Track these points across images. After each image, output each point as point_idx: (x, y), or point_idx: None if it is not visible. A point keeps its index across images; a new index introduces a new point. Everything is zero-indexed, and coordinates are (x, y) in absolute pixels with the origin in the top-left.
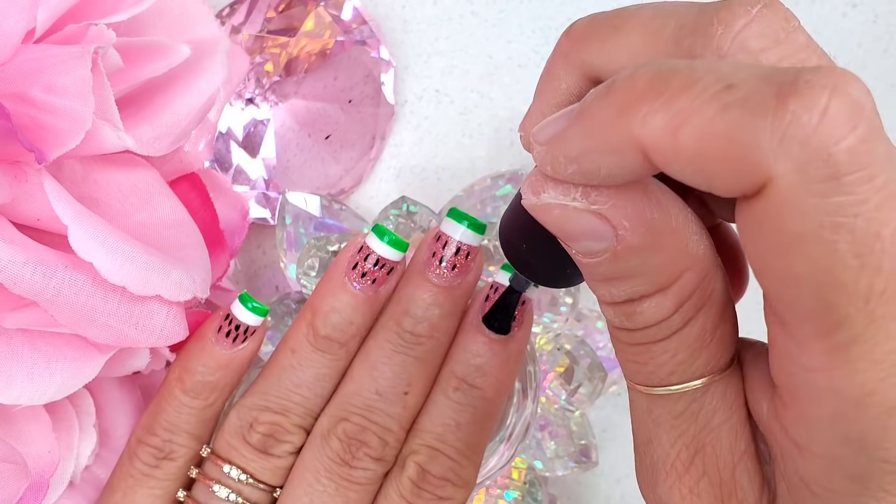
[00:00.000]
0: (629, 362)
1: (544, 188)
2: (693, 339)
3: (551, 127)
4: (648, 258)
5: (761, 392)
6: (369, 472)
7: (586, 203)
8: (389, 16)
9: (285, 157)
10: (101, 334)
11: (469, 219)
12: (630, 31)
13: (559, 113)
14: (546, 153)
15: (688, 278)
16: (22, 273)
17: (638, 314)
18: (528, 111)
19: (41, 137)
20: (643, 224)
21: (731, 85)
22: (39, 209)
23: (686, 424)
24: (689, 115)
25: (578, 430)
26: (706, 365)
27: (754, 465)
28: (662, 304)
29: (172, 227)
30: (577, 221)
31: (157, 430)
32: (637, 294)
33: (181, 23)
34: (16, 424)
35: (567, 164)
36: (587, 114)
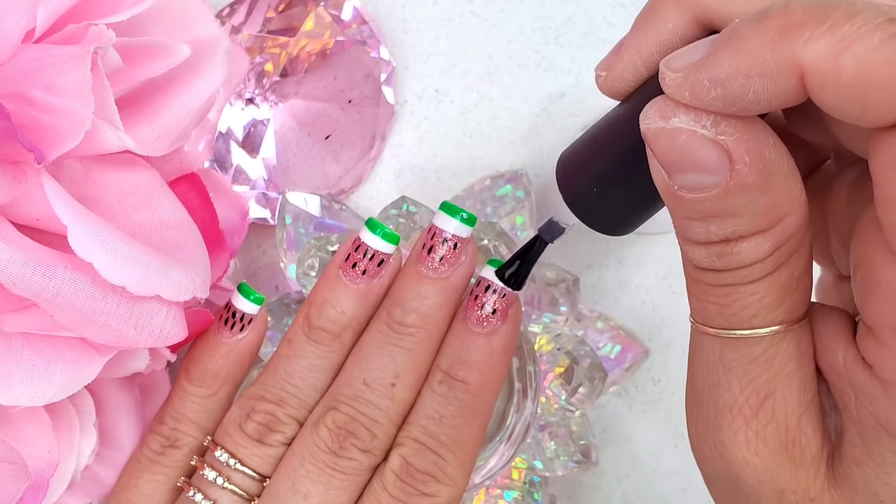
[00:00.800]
0: (709, 304)
1: (675, 112)
2: (782, 283)
3: (692, 53)
4: (758, 197)
5: (835, 344)
6: (354, 463)
7: (715, 132)
8: (389, 16)
9: (285, 157)
10: (100, 334)
11: (458, 210)
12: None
13: (696, 43)
14: (686, 77)
15: (788, 222)
16: (21, 273)
17: (733, 254)
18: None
19: (41, 137)
20: (762, 162)
21: (893, 18)
22: (39, 209)
23: (760, 370)
24: (854, 42)
25: (578, 430)
26: (788, 312)
27: (818, 416)
28: (761, 245)
29: (172, 227)
30: (699, 150)
31: (166, 419)
32: (737, 233)
33: (181, 23)
34: (15, 425)
35: (711, 87)
36: (740, 37)
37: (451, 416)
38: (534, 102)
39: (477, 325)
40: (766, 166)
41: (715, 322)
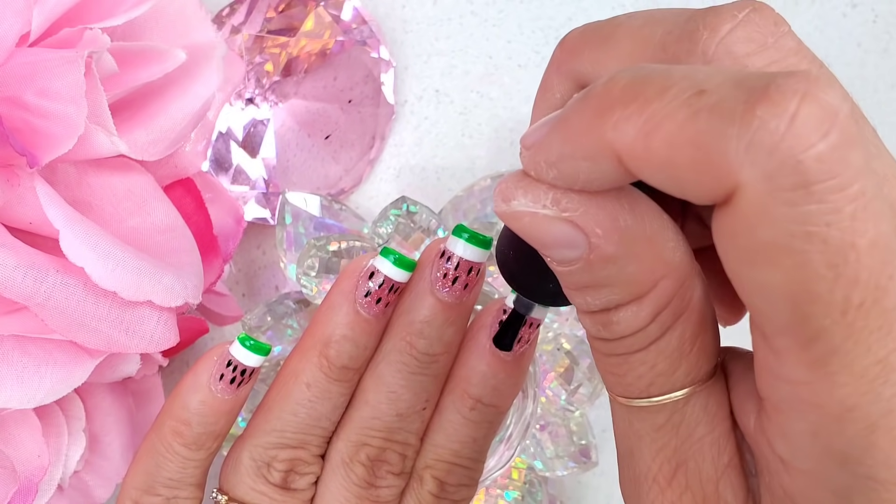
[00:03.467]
0: (608, 374)
1: (514, 195)
2: (672, 349)
3: (537, 132)
4: (623, 266)
5: (750, 404)
6: (393, 489)
7: (557, 210)
8: (389, 16)
9: (285, 157)
10: (91, 339)
11: (476, 234)
12: (620, 39)
13: (545, 118)
14: (529, 157)
15: (664, 286)
16: (13, 277)
17: (614, 324)
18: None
19: (34, 141)
20: (616, 231)
21: (702, 90)
22: (32, 213)
23: (667, 437)
24: (660, 121)
25: (578, 430)
26: (687, 375)
27: (738, 478)
28: (638, 313)
29: (165, 231)
30: (548, 229)
31: (159, 489)
32: (612, 303)
33: (177, 27)
34: (5, 428)
35: (547, 168)
36: (566, 119)
37: (483, 437)
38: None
39: (509, 355)
40: (623, 235)
41: (617, 391)
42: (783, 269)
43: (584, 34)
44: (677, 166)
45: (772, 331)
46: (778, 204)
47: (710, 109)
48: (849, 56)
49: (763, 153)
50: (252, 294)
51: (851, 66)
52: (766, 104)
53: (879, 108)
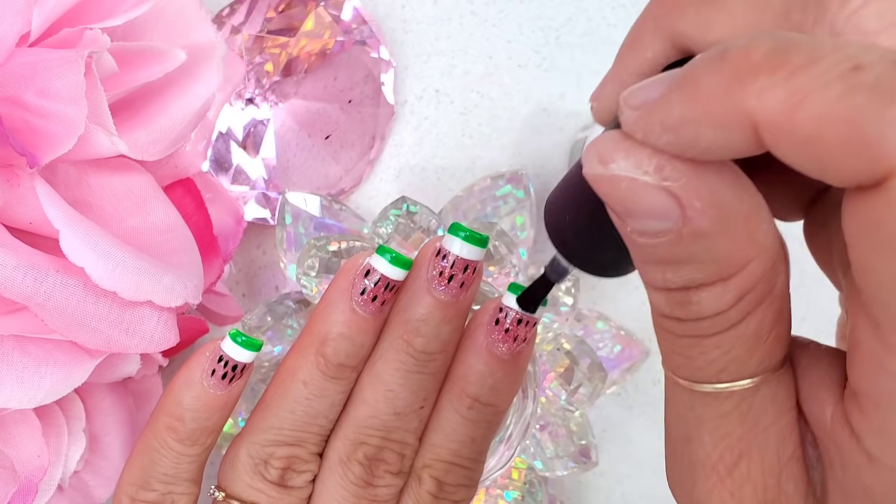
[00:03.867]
0: (675, 354)
1: (614, 157)
2: (750, 335)
3: (648, 90)
4: (715, 243)
5: (824, 396)
6: (391, 488)
7: (658, 178)
8: (389, 16)
9: (285, 157)
10: (91, 339)
11: (471, 233)
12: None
13: (659, 76)
14: (639, 117)
15: (753, 269)
16: (13, 277)
17: (694, 304)
18: (604, 78)
19: (34, 141)
20: (715, 206)
21: (859, 66)
22: (32, 213)
23: (732, 425)
24: (812, 93)
25: (578, 430)
26: (760, 364)
27: (800, 471)
28: (722, 295)
29: (165, 232)
30: (644, 197)
31: (154, 485)
32: (695, 282)
33: (177, 27)
34: (5, 428)
35: (662, 132)
36: (694, 80)
37: (482, 437)
38: (534, 102)
39: (507, 354)
40: (722, 211)
41: (683, 374)
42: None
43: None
44: (825, 144)
45: (890, 324)
46: None
47: (870, 88)
48: None
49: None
50: (252, 294)
51: None
52: None
53: None
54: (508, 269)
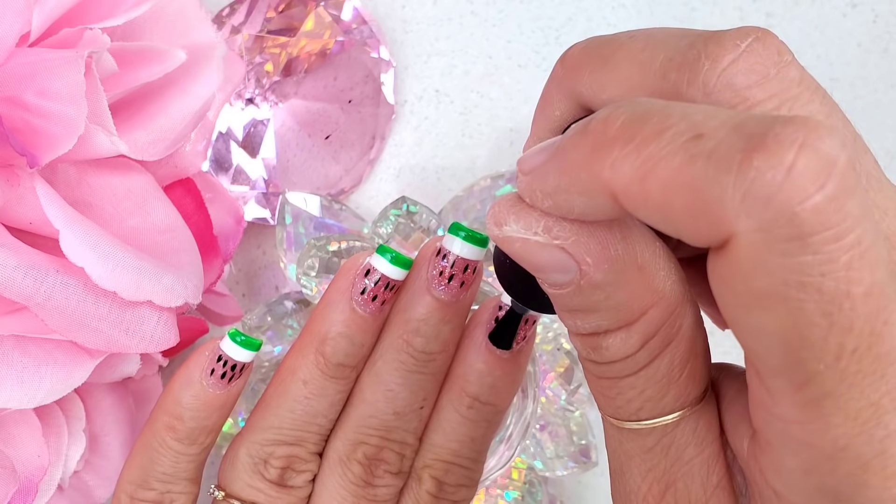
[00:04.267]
0: (599, 395)
1: (506, 220)
2: (661, 375)
3: (534, 158)
4: (612, 293)
5: (744, 427)
6: (391, 488)
7: (548, 237)
8: (389, 16)
9: (285, 157)
10: (91, 339)
11: (471, 232)
12: (620, 62)
13: (544, 143)
14: (525, 184)
15: (653, 315)
16: (13, 277)
17: (603, 348)
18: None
19: (34, 141)
20: (606, 260)
21: (700, 134)
22: (32, 213)
23: (657, 459)
24: (657, 164)
25: (578, 430)
26: (676, 400)
27: (728, 499)
28: (627, 340)
29: (165, 231)
30: (539, 254)
31: (153, 484)
32: (601, 328)
33: (177, 27)
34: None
35: (543, 198)
36: (563, 151)
37: (481, 436)
38: (534, 102)
39: (506, 352)
40: (613, 263)
41: (607, 412)
42: (777, 316)
43: (585, 53)
44: (673, 210)
45: (766, 372)
46: (773, 254)
47: (708, 156)
48: (849, 56)
49: (759, 204)
50: (252, 294)
51: (851, 66)
52: (764, 154)
53: (879, 108)
54: None
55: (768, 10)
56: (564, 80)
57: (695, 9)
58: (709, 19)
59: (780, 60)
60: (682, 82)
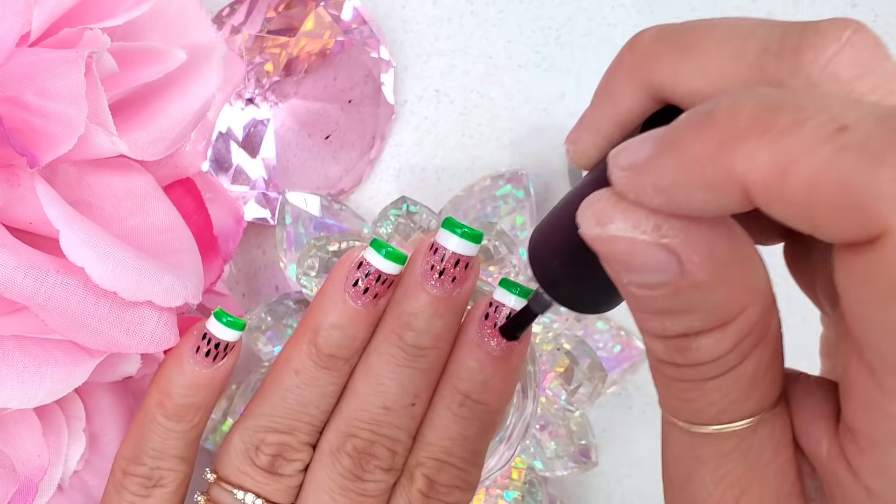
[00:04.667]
0: (674, 398)
1: (612, 218)
2: (748, 376)
3: (636, 151)
4: (712, 293)
5: (819, 430)
6: (381, 484)
7: (657, 235)
8: (389, 16)
9: (285, 157)
10: (91, 339)
11: (464, 228)
12: (705, 50)
13: (644, 136)
14: (630, 179)
15: (749, 315)
16: (13, 277)
17: (693, 350)
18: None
19: (34, 141)
20: (713, 259)
21: (844, 126)
22: (32, 213)
23: (734, 464)
24: (800, 156)
25: (578, 430)
26: (758, 403)
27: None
28: (721, 340)
29: (165, 231)
30: (643, 254)
31: (144, 459)
32: (694, 329)
33: (177, 27)
34: (5, 428)
35: (654, 194)
36: (682, 144)
37: (474, 435)
38: (534, 102)
39: (496, 350)
40: (718, 262)
41: (682, 416)
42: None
43: (661, 39)
44: (817, 205)
45: (885, 369)
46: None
47: (858, 149)
48: None
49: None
50: (252, 294)
51: None
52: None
53: None
54: (508, 269)
55: (768, 10)
56: (636, 69)
57: (695, 8)
58: None
59: (878, 53)
60: (782, 73)
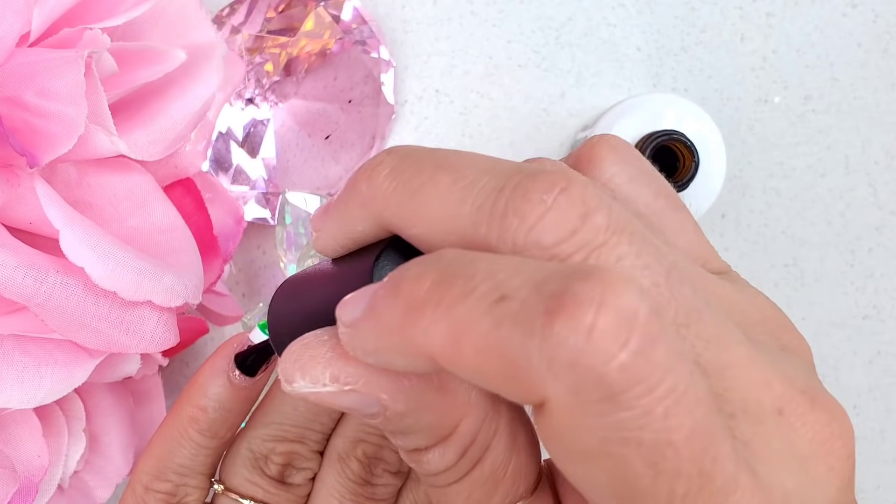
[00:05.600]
0: (434, 501)
1: (294, 377)
2: (486, 478)
3: (352, 309)
4: (420, 417)
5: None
6: (390, 487)
7: (338, 385)
8: (389, 16)
9: (285, 157)
10: (91, 339)
11: None
12: (429, 200)
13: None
14: (347, 339)
15: (465, 427)
16: (13, 277)
17: (425, 462)
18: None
19: (34, 141)
20: (401, 392)
21: (503, 296)
22: (32, 213)
23: None
24: (467, 328)
25: None
26: (505, 497)
27: None
28: (445, 454)
29: (165, 232)
30: (336, 401)
31: (169, 475)
32: (421, 445)
33: (177, 28)
34: (5, 428)
35: (365, 355)
36: (377, 312)
37: None
38: (534, 102)
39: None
40: (409, 393)
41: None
42: (604, 470)
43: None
44: (487, 374)
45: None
46: (587, 416)
47: (512, 319)
48: (849, 56)
49: (565, 369)
50: (252, 294)
51: (851, 66)
52: (564, 317)
53: (879, 108)
54: None
55: (768, 10)
56: (370, 205)
57: (695, 8)
58: (709, 19)
59: (585, 211)
60: (491, 237)
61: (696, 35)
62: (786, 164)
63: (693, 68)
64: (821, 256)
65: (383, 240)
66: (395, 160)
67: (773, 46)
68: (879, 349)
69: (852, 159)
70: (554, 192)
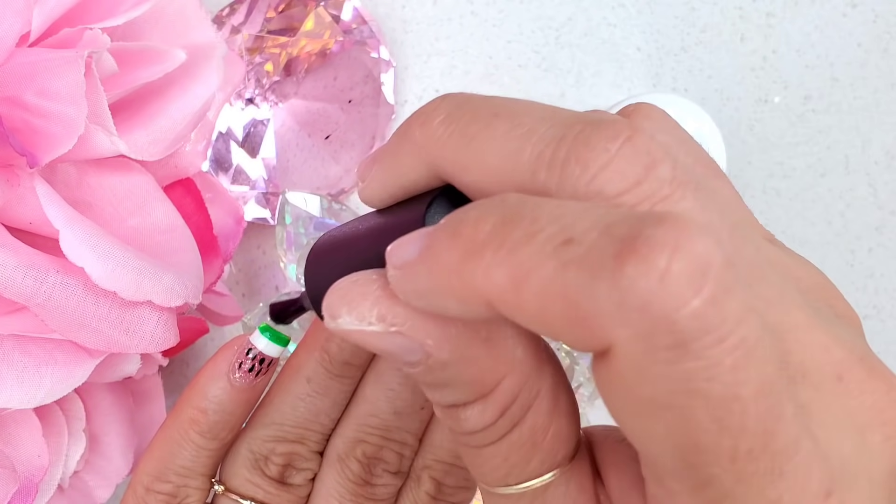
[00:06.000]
0: (467, 462)
1: (339, 313)
2: (524, 441)
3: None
4: (462, 370)
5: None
6: (389, 487)
7: (384, 325)
8: (389, 16)
9: (285, 157)
10: (91, 339)
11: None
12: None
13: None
14: (398, 282)
15: (508, 384)
16: (13, 277)
17: (463, 420)
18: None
19: (34, 141)
20: (447, 339)
21: (570, 239)
22: (32, 213)
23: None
24: (530, 271)
25: None
26: (543, 463)
27: None
28: (484, 411)
29: (166, 232)
30: (379, 343)
31: (170, 476)
32: (459, 401)
33: (177, 28)
34: (5, 428)
35: (416, 298)
36: (434, 254)
37: None
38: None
39: None
40: (455, 342)
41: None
42: (666, 423)
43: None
44: (550, 319)
45: (663, 473)
46: (655, 363)
47: (579, 263)
48: (849, 56)
49: (635, 313)
50: (252, 294)
51: (851, 66)
52: (635, 260)
53: (879, 108)
54: None
55: (768, 10)
56: (423, 151)
57: (695, 8)
58: (709, 19)
59: (651, 161)
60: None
61: (696, 35)
62: (786, 164)
63: (693, 68)
64: (821, 256)
65: (433, 189)
66: (451, 107)
67: (773, 46)
68: (879, 349)
69: (852, 159)
70: (618, 141)
